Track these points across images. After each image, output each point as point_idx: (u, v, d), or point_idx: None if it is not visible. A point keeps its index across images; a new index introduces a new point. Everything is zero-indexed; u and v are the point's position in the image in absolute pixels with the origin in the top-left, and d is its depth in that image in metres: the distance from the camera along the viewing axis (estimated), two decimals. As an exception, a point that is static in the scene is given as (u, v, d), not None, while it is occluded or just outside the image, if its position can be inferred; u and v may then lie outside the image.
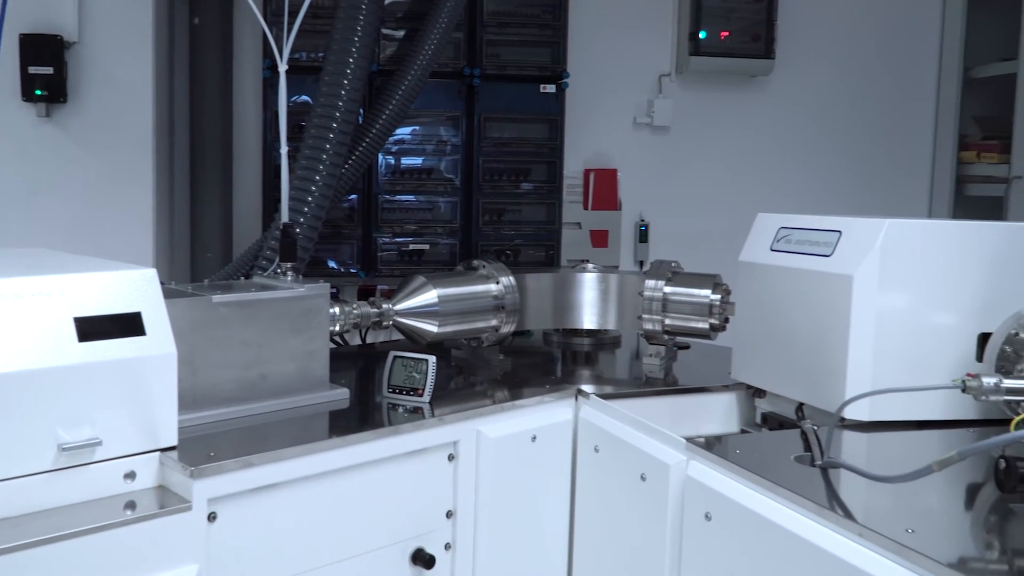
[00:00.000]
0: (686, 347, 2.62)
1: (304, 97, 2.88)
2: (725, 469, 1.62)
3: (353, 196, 3.01)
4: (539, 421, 2.07)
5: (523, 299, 2.49)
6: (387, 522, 1.85)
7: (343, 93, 2.44)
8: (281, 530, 1.66)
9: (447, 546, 1.95)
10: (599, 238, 3.57)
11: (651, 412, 2.04)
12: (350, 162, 2.62)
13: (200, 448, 1.59)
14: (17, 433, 1.38)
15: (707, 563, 1.63)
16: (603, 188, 3.59)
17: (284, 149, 2.14)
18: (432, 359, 2.00)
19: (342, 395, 1.98)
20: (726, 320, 2.32)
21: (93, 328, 1.46)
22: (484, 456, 1.97)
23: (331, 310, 2.09)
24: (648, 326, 2.38)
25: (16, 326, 1.39)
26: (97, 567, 1.39)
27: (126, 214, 2.94)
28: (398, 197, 3.08)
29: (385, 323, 2.29)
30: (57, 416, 1.41)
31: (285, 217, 2.16)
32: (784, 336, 2.01)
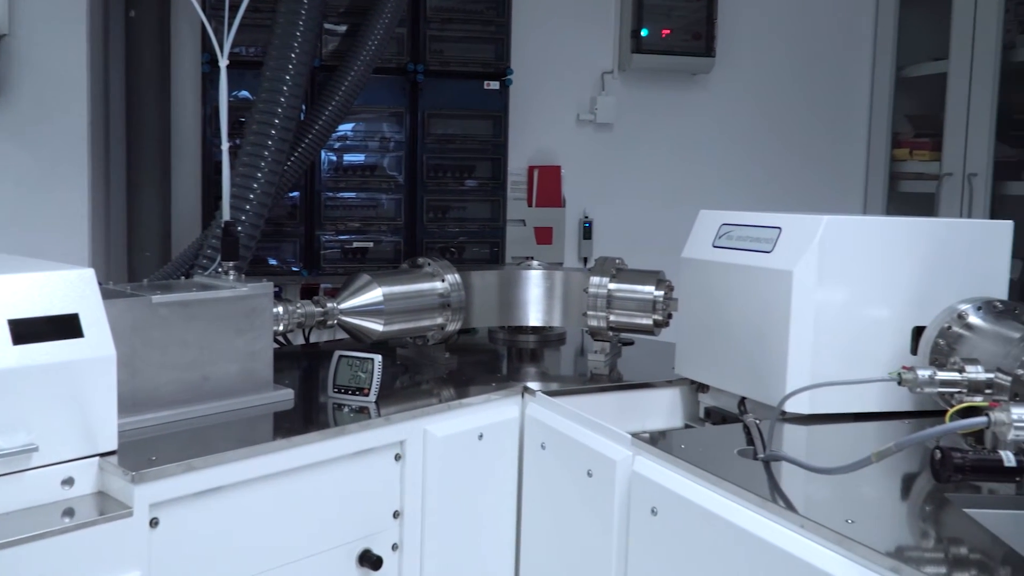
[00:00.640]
0: (630, 343, 2.65)
1: (244, 93, 2.83)
2: (670, 464, 1.64)
3: (295, 193, 2.97)
4: (486, 419, 2.08)
5: (469, 297, 2.49)
6: (334, 524, 1.83)
7: (285, 89, 2.40)
8: (226, 534, 1.64)
9: (394, 546, 1.94)
10: (543, 235, 3.58)
11: (597, 408, 2.06)
12: (292, 159, 2.58)
13: (141, 452, 1.56)
14: (-52, 440, 1.34)
15: (654, 557, 1.65)
16: (547, 185, 3.60)
17: (225, 145, 2.11)
18: (378, 358, 1.99)
19: (286, 396, 1.96)
20: (669, 316, 2.34)
21: (28, 330, 1.43)
22: (431, 455, 1.96)
23: (275, 309, 2.07)
24: (593, 323, 2.39)
25: (-54, 330, 1.35)
26: (35, 576, 1.35)
27: (60, 212, 2.85)
28: (341, 194, 3.05)
29: (330, 322, 2.27)
30: (-9, 422, 1.37)
31: (226, 215, 2.13)
32: (726, 331, 2.04)
